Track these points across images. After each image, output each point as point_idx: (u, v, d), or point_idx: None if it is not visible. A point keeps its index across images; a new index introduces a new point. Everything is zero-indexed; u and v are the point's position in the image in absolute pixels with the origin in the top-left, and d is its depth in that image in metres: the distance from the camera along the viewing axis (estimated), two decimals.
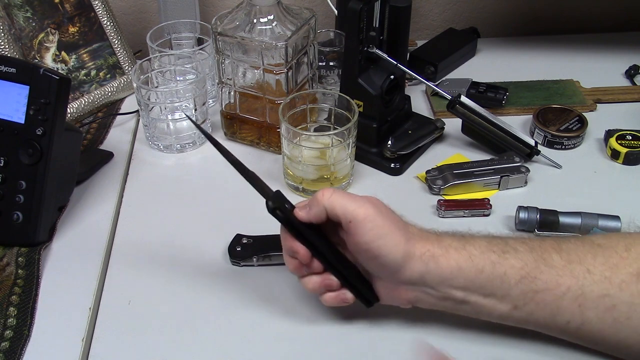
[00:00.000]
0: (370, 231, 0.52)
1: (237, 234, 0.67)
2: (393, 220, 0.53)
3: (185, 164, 0.81)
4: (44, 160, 0.65)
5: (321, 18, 1.02)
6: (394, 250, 0.52)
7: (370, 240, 0.52)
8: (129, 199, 0.75)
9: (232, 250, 0.65)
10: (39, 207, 0.66)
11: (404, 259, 0.52)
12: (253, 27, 0.74)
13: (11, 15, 0.82)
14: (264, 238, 0.66)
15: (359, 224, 0.52)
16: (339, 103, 0.75)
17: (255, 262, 0.65)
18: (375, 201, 0.54)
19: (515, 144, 0.78)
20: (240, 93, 0.79)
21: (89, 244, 0.68)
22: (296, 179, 0.74)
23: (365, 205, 0.53)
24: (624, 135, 0.79)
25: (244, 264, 0.65)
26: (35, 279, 0.63)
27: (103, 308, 0.62)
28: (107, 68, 0.91)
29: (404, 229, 0.53)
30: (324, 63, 0.89)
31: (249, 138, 0.83)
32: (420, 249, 0.53)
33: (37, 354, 0.57)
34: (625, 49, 1.00)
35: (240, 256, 0.65)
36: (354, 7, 0.70)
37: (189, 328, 0.59)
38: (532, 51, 1.02)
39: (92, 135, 0.85)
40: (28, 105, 0.65)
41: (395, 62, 0.76)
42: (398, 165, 0.77)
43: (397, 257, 0.52)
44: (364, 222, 0.52)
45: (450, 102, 0.78)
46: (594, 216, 0.67)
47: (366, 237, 0.52)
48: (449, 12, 1.11)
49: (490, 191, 0.74)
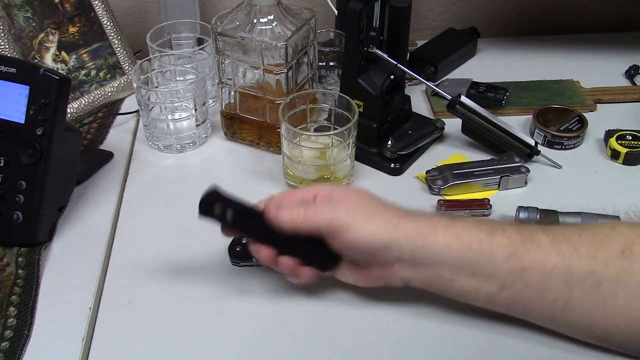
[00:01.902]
0: (346, 233, 0.54)
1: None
2: (364, 207, 0.55)
3: (185, 164, 0.81)
4: (44, 160, 0.65)
5: (321, 18, 1.02)
6: (377, 237, 0.54)
7: (350, 242, 0.54)
8: (129, 199, 0.75)
9: (232, 250, 0.65)
10: (39, 207, 0.66)
11: (388, 243, 0.54)
12: (253, 27, 0.74)
13: (11, 15, 0.82)
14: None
15: (332, 234, 0.54)
16: (339, 103, 0.75)
17: (255, 262, 0.65)
18: (334, 195, 0.56)
19: (515, 144, 0.78)
20: (240, 93, 0.79)
21: (89, 244, 0.68)
22: (296, 179, 0.74)
23: (325, 210, 0.55)
24: (624, 135, 0.79)
25: (244, 264, 0.65)
26: (35, 279, 0.63)
27: (103, 308, 0.62)
28: (107, 68, 0.91)
29: (381, 211, 0.55)
30: (324, 63, 0.89)
31: (249, 138, 0.83)
32: (406, 228, 0.54)
33: (37, 354, 0.57)
34: (625, 49, 1.00)
35: (240, 256, 0.65)
36: (354, 7, 0.70)
37: (189, 328, 0.59)
38: (532, 51, 1.02)
39: (92, 135, 0.85)
40: (28, 105, 0.65)
41: (395, 62, 0.76)
42: (398, 165, 0.77)
43: (381, 241, 0.54)
44: (338, 231, 0.54)
45: (450, 102, 0.78)
46: (594, 216, 0.67)
47: (343, 241, 0.54)
48: (449, 12, 1.11)
49: (490, 191, 0.75)
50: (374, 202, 0.57)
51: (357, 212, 0.55)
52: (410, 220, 0.55)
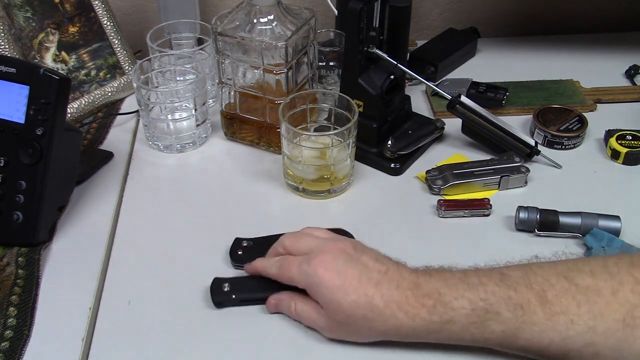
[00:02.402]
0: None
1: (236, 237, 0.67)
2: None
3: (185, 164, 0.81)
4: (44, 160, 0.65)
5: (321, 18, 1.02)
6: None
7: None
8: (129, 199, 0.75)
9: (234, 254, 0.65)
10: (39, 207, 0.66)
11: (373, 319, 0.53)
12: (253, 27, 0.74)
13: (11, 15, 0.82)
14: (265, 239, 0.66)
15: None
16: (339, 103, 0.75)
17: None
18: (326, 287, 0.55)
19: (515, 144, 0.78)
20: (240, 93, 0.79)
21: (89, 244, 0.68)
22: (296, 179, 0.74)
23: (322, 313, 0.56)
24: (624, 135, 0.79)
25: None
26: (35, 279, 0.63)
27: (103, 308, 0.62)
28: (107, 68, 0.91)
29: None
30: (324, 63, 0.89)
31: (249, 138, 0.83)
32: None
33: (37, 354, 0.57)
34: (625, 49, 1.00)
35: (243, 260, 0.64)
36: (354, 7, 0.70)
37: (189, 328, 0.59)
38: (532, 51, 1.02)
39: (92, 135, 0.85)
40: (28, 105, 0.65)
41: (395, 62, 0.76)
42: (398, 165, 0.77)
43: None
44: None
45: (450, 102, 0.78)
46: (594, 216, 0.67)
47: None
48: (449, 12, 1.11)
49: (490, 191, 0.75)
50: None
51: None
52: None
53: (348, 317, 0.53)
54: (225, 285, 0.61)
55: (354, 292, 0.53)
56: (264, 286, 0.61)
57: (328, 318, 0.55)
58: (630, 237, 0.66)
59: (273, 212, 0.73)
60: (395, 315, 0.52)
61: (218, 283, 0.61)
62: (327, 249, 0.56)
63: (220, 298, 0.61)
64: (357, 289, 0.53)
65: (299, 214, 0.72)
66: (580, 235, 0.67)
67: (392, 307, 0.52)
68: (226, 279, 0.62)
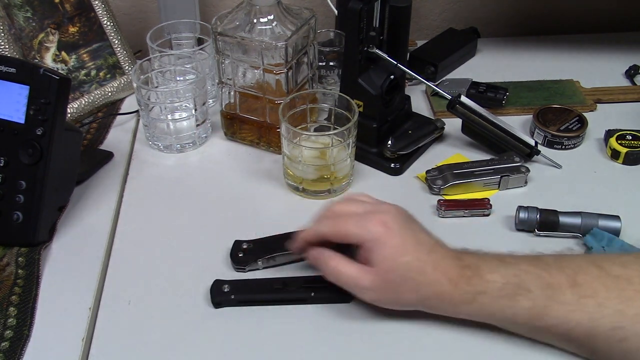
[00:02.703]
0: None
1: (235, 240, 0.66)
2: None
3: (185, 164, 0.81)
4: (44, 160, 0.65)
5: (321, 18, 1.02)
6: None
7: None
8: (129, 199, 0.75)
9: (234, 257, 0.65)
10: (39, 207, 0.66)
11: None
12: (253, 27, 0.74)
13: (11, 15, 0.82)
14: (264, 240, 0.66)
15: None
16: (339, 103, 0.75)
17: (260, 265, 0.65)
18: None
19: (515, 144, 0.78)
20: (240, 93, 0.79)
21: (89, 244, 0.68)
22: (296, 179, 0.74)
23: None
24: (624, 135, 0.79)
25: (250, 268, 0.65)
26: (35, 279, 0.63)
27: (103, 308, 0.62)
28: (107, 68, 0.91)
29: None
30: (324, 63, 0.89)
31: (249, 138, 0.83)
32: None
33: (37, 354, 0.57)
34: (625, 49, 1.00)
35: (244, 262, 0.64)
36: (354, 7, 0.70)
37: (189, 328, 0.59)
38: (532, 51, 1.02)
39: (92, 135, 0.85)
40: (28, 105, 0.65)
41: (395, 62, 0.76)
42: (398, 165, 0.77)
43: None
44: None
45: (450, 102, 0.78)
46: (594, 216, 0.67)
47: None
48: (449, 12, 1.11)
49: (490, 191, 0.74)
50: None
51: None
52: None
53: (399, 276, 0.55)
54: (225, 286, 0.61)
55: (410, 254, 0.55)
56: (263, 288, 0.61)
57: (376, 276, 0.56)
58: (630, 237, 0.66)
59: (273, 212, 0.73)
60: (440, 281, 0.54)
61: (218, 284, 0.62)
62: (384, 209, 0.58)
63: (220, 298, 0.61)
64: (413, 251, 0.55)
65: (299, 214, 0.72)
66: (580, 235, 0.67)
67: (439, 273, 0.54)
68: (227, 280, 0.62)
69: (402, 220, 0.57)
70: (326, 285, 0.60)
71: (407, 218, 0.58)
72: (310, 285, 0.61)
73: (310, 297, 0.61)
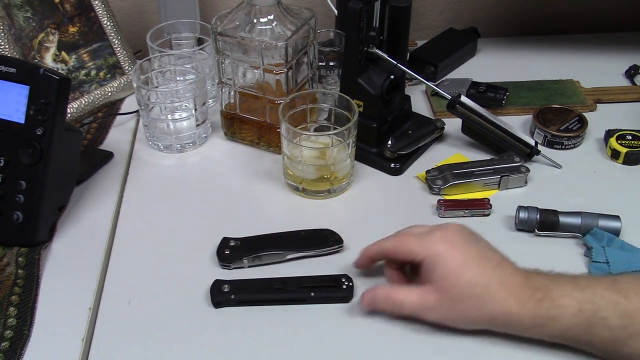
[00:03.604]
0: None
1: (223, 237, 0.67)
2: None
3: (185, 164, 0.81)
4: (44, 160, 0.65)
5: (321, 18, 1.02)
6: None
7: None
8: (129, 199, 0.75)
9: (220, 254, 0.65)
10: (39, 207, 0.66)
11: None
12: (253, 27, 0.74)
13: (11, 15, 0.82)
14: (252, 239, 0.66)
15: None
16: (339, 103, 0.75)
17: (246, 264, 0.65)
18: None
19: (515, 144, 0.78)
20: (240, 93, 0.79)
21: (89, 244, 0.68)
22: (296, 179, 0.74)
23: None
24: (624, 135, 0.79)
25: (235, 266, 0.65)
26: (35, 279, 0.63)
27: (103, 308, 0.62)
28: (107, 68, 0.91)
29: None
30: (324, 63, 0.89)
31: (249, 138, 0.83)
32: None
33: (37, 354, 0.57)
34: (625, 49, 1.00)
35: (229, 259, 0.65)
36: (354, 7, 0.70)
37: (189, 328, 0.59)
38: (532, 51, 1.02)
39: (92, 135, 0.85)
40: (28, 105, 0.65)
41: (395, 62, 0.76)
42: (398, 165, 0.77)
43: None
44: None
45: (450, 102, 0.78)
46: (594, 216, 0.67)
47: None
48: (449, 12, 1.11)
49: (490, 191, 0.74)
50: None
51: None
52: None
53: (462, 293, 0.53)
54: (225, 286, 0.61)
55: (473, 270, 0.53)
56: (263, 288, 0.62)
57: (440, 294, 0.54)
58: (630, 237, 0.66)
59: (273, 212, 0.73)
60: (507, 300, 0.52)
61: (218, 284, 0.62)
62: (447, 227, 0.57)
63: (220, 298, 0.61)
64: (477, 267, 0.54)
65: (299, 214, 0.72)
66: (580, 235, 0.67)
67: (505, 291, 0.53)
68: (227, 280, 0.62)
69: (466, 236, 0.56)
70: (326, 285, 0.60)
71: (471, 234, 0.57)
72: (309, 285, 0.61)
73: (310, 297, 0.61)
